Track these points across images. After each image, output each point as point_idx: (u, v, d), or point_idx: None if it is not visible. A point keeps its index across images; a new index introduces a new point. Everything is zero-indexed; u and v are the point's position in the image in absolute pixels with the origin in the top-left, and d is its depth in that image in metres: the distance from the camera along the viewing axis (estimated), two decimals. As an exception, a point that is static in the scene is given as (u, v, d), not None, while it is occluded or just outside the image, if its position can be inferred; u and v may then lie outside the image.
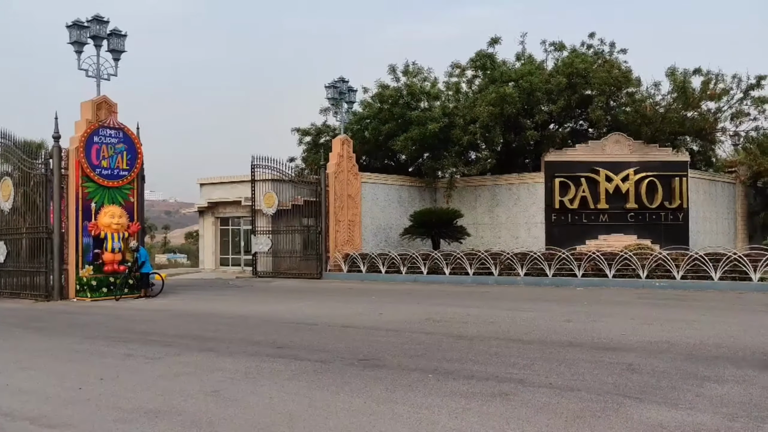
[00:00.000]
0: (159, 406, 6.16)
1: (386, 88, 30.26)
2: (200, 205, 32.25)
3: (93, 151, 18.39)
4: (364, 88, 31.68)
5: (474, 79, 31.25)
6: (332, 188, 25.70)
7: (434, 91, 30.44)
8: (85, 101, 18.79)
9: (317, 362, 8.17)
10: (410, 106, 29.67)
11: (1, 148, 19.86)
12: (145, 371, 7.80)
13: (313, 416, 5.76)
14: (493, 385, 6.74)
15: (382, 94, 30.18)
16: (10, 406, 6.23)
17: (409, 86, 30.04)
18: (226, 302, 16.72)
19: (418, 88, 30.04)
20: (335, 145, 26.45)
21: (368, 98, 31.56)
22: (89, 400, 6.43)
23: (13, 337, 11.07)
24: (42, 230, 18.38)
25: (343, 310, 14.06)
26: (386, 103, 29.89)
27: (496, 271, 21.15)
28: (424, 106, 30.08)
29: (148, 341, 10.20)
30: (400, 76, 30.60)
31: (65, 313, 15.07)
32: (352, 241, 26.32)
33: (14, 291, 19.24)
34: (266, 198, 26.59)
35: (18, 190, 19.34)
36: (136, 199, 19.50)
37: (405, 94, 29.88)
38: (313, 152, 32.06)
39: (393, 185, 29.85)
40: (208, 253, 32.55)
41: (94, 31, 18.83)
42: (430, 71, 31.23)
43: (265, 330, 11.20)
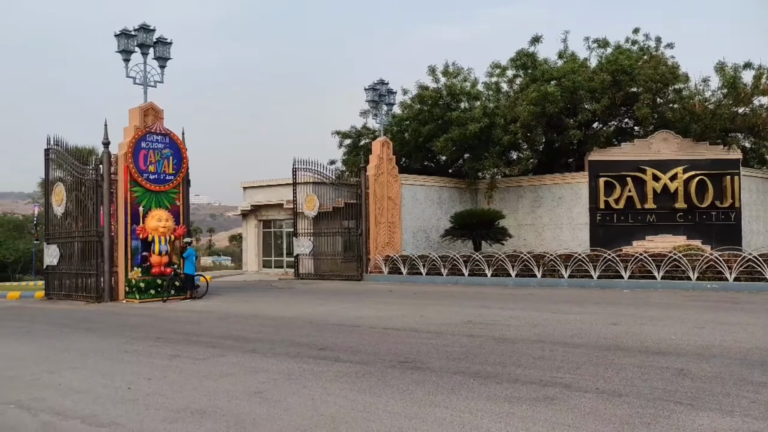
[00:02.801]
0: (204, 406, 6.25)
1: (426, 89, 30.17)
2: (243, 208, 32.72)
3: (141, 157, 18.84)
4: (404, 89, 31.69)
5: (515, 79, 30.91)
6: (372, 190, 25.74)
7: (474, 91, 30.22)
8: (133, 108, 19.26)
9: (359, 364, 8.17)
10: (450, 107, 29.51)
11: (55, 155, 20.51)
12: (190, 371, 7.92)
13: (355, 419, 5.75)
14: (538, 390, 6.62)
15: (421, 95, 30.11)
16: (63, 405, 6.40)
17: (449, 87, 29.88)
18: (268, 304, 16.89)
19: (458, 88, 29.86)
20: (375, 147, 26.50)
21: (408, 100, 31.54)
22: (138, 399, 6.56)
23: (66, 338, 11.40)
24: (93, 234, 18.90)
25: (384, 312, 14.05)
26: (426, 104, 29.81)
27: (539, 273, 20.85)
28: (464, 106, 29.87)
29: (194, 342, 10.37)
30: (439, 76, 30.47)
31: (115, 314, 15.45)
32: (392, 243, 26.31)
33: (67, 293, 19.83)
34: (307, 200, 26.80)
35: (70, 195, 19.93)
36: (181, 203, 19.88)
37: (445, 94, 29.75)
38: (353, 155, 32.21)
39: (433, 186, 29.74)
40: (251, 255, 33.01)
41: (140, 39, 19.30)
42: (470, 71, 31.03)
43: (307, 332, 11.27)
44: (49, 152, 20.64)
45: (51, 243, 20.61)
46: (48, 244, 20.80)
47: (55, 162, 20.63)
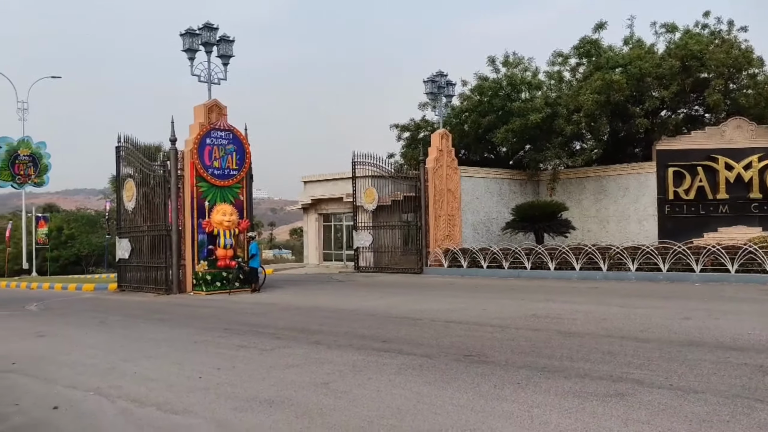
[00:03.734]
0: (273, 396, 6.36)
1: (486, 80, 29.82)
2: (304, 202, 33.17)
3: (206, 153, 19.33)
4: (463, 81, 31.40)
5: (578, 67, 30.19)
6: (431, 183, 25.63)
7: (536, 81, 29.68)
8: (198, 105, 19.77)
9: (422, 357, 8.15)
10: (511, 98, 29.08)
11: (125, 152, 21.28)
12: (258, 362, 8.09)
13: (421, 411, 5.74)
14: (608, 385, 6.44)
15: (481, 86, 29.78)
16: (139, 393, 6.64)
17: (510, 77, 29.44)
18: (330, 296, 17.08)
19: (518, 78, 29.39)
20: (434, 140, 26.36)
21: (467, 91, 31.25)
22: (209, 388, 6.74)
23: (138, 328, 11.83)
24: (161, 228, 19.53)
25: (445, 305, 13.98)
26: (486, 95, 29.46)
27: (604, 266, 20.32)
28: (525, 96, 29.39)
29: (259, 333, 10.59)
30: (499, 67, 30.07)
31: (183, 305, 15.94)
32: (452, 236, 26.15)
33: (138, 285, 20.59)
34: (367, 194, 26.92)
35: (139, 190, 20.65)
36: (245, 197, 20.31)
37: (505, 85, 29.33)
38: (411, 147, 32.15)
39: (493, 179, 29.38)
40: (312, 249, 33.45)
41: (205, 38, 19.78)
42: (531, 61, 30.50)
43: (370, 324, 11.33)
44: (120, 150, 21.42)
45: (122, 237, 21.42)
46: (120, 238, 21.63)
47: (125, 159, 21.39)
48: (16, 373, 7.88)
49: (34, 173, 37.75)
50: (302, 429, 5.29)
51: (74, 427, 5.55)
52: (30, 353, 9.35)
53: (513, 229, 27.06)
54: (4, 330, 12.31)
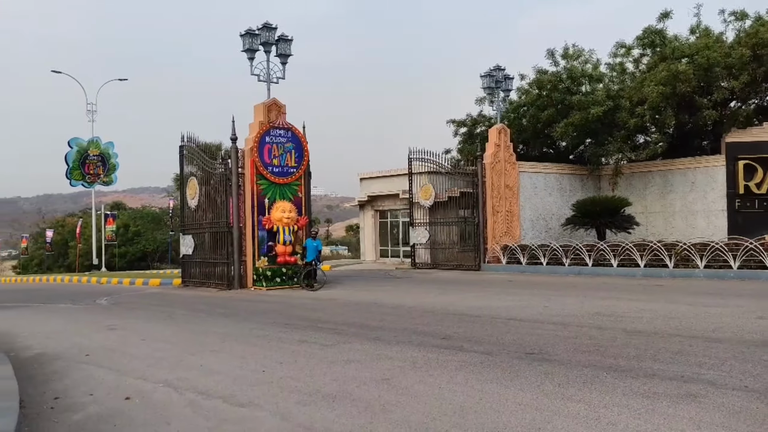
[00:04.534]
0: (335, 390, 6.41)
1: (544, 73, 29.26)
2: (360, 199, 33.36)
3: (265, 151, 19.68)
4: (521, 74, 30.94)
5: (641, 58, 29.26)
6: (489, 179, 25.36)
7: (597, 73, 28.94)
8: (258, 104, 20.13)
9: (483, 354, 8.07)
10: (571, 91, 28.45)
11: (187, 151, 21.89)
12: (319, 357, 8.17)
13: (483, 409, 5.67)
14: (679, 386, 6.22)
15: (540, 79, 29.24)
16: (205, 385, 6.81)
17: (570, 70, 28.80)
18: (388, 293, 17.11)
19: (579, 71, 28.73)
20: (491, 135, 26.06)
21: (525, 85, 30.76)
22: (272, 382, 6.85)
23: (203, 322, 12.15)
24: (223, 225, 20.00)
25: (505, 302, 13.81)
26: (545, 89, 28.92)
27: (670, 263, 19.65)
28: (585, 89, 28.71)
29: (319, 328, 10.70)
30: (559, 59, 29.45)
31: (245, 300, 16.28)
32: (510, 233, 25.82)
33: (201, 280, 21.16)
34: (423, 190, 26.86)
35: (201, 188, 21.21)
36: (303, 195, 20.58)
37: (565, 78, 28.71)
38: (468, 143, 31.89)
39: (553, 174, 28.83)
40: (368, 245, 33.61)
41: (264, 38, 20.11)
42: (592, 53, 29.75)
43: (429, 321, 11.29)
44: (183, 149, 22.03)
45: (186, 234, 22.04)
46: (183, 235, 22.27)
47: (187, 158, 21.99)
48: (90, 365, 8.21)
49: (103, 172, 39.28)
50: (365, 424, 5.31)
51: (146, 417, 5.73)
52: (102, 345, 9.73)
53: (573, 225, 26.49)
54: (78, 323, 12.85)
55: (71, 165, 38.21)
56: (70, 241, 54.26)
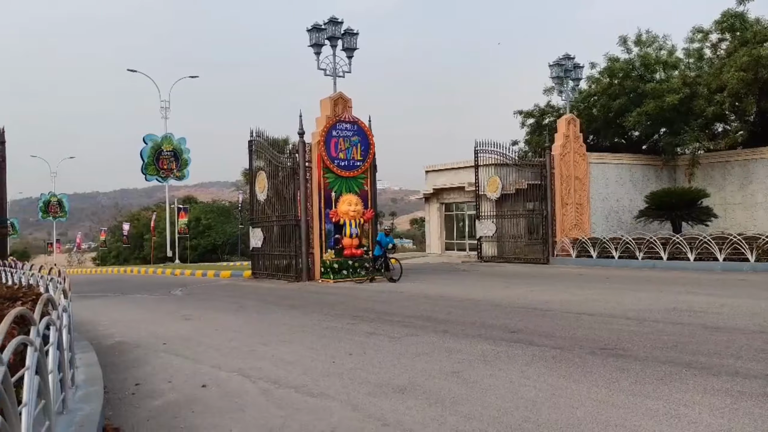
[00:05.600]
0: (404, 382, 6.41)
1: (616, 61, 28.35)
2: (426, 192, 33.28)
3: (332, 144, 19.88)
4: (592, 63, 30.12)
5: (720, 43, 27.93)
6: (558, 170, 24.81)
7: (672, 59, 27.82)
8: (324, 98, 20.34)
9: (555, 349, 7.89)
10: (644, 79, 27.46)
11: (256, 146, 22.36)
12: (387, 349, 8.20)
13: (557, 404, 5.55)
14: (764, 385, 5.90)
15: (611, 67, 28.36)
16: (277, 375, 6.94)
17: (643, 57, 27.80)
18: (454, 286, 17.01)
19: (652, 58, 27.69)
20: (560, 126, 25.47)
21: (596, 73, 29.90)
22: (342, 373, 6.92)
23: (273, 313, 12.40)
24: (290, 218, 20.35)
25: (575, 297, 13.48)
26: (616, 77, 28.05)
27: (752, 256, 18.72)
28: (660, 77, 27.65)
29: (387, 321, 10.73)
30: (631, 46, 28.48)
31: (313, 292, 16.52)
32: (580, 225, 25.19)
33: (270, 272, 21.61)
34: (490, 183, 26.54)
35: (270, 182, 21.63)
36: (369, 188, 20.68)
37: (638, 65, 27.75)
38: (536, 134, 31.31)
39: (625, 165, 27.95)
40: (434, 238, 33.52)
41: (330, 32, 20.28)
42: (666, 39, 28.59)
43: (497, 314, 11.15)
44: (252, 144, 22.52)
45: (255, 227, 22.55)
46: (253, 228, 22.79)
47: (256, 152, 22.47)
48: (168, 353, 8.51)
49: (176, 167, 40.62)
50: (436, 416, 5.28)
51: (221, 404, 5.89)
52: (178, 334, 10.08)
53: (647, 217, 25.63)
54: (155, 312, 13.36)
55: (146, 161, 39.66)
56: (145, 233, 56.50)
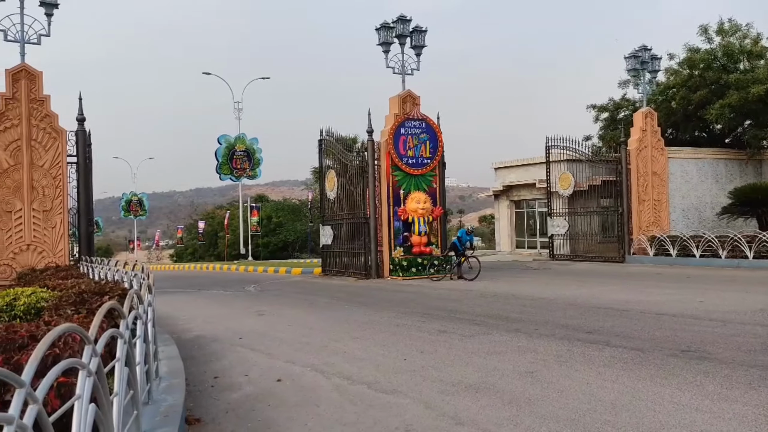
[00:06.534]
0: (477, 381, 6.34)
1: (696, 51, 27.15)
2: (495, 189, 32.87)
3: (400, 142, 19.91)
4: (670, 54, 28.92)
5: (812, 28, 26.28)
6: (634, 166, 24.00)
7: (757, 49, 26.40)
8: (393, 96, 20.39)
9: (633, 350, 7.63)
10: (727, 69, 26.18)
11: (325, 145, 22.66)
12: (459, 347, 8.13)
13: (637, 407, 5.36)
14: None
15: (691, 58, 27.18)
16: (350, 371, 7.01)
17: (725, 47, 26.51)
18: (525, 284, 16.72)
19: (736, 47, 26.36)
20: (637, 119, 24.61)
21: (674, 65, 28.72)
22: (414, 370, 6.91)
23: (343, 310, 12.54)
24: (360, 216, 20.51)
25: (654, 296, 13.00)
26: (697, 69, 26.86)
27: None
28: (744, 67, 26.27)
29: (458, 319, 10.66)
30: (713, 36, 27.19)
31: (382, 290, 16.60)
32: (658, 222, 24.28)
33: (339, 270, 21.87)
34: (561, 179, 25.95)
35: (339, 180, 21.88)
36: (438, 185, 20.60)
37: (720, 55, 26.47)
38: (611, 129, 30.41)
39: (706, 159, 26.74)
40: (504, 236, 33.06)
41: (398, 30, 20.32)
42: (750, 27, 27.14)
43: (571, 314, 10.88)
44: (322, 143, 22.84)
45: (325, 225, 22.86)
46: (323, 226, 23.11)
47: (325, 151, 22.78)
48: (244, 347, 8.74)
49: (248, 167, 41.64)
50: (511, 417, 5.20)
51: (296, 398, 6.00)
52: (253, 329, 10.33)
53: (731, 214, 24.43)
54: (231, 308, 13.75)
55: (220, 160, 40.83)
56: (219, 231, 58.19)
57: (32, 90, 16.02)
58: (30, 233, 15.90)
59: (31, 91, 16.01)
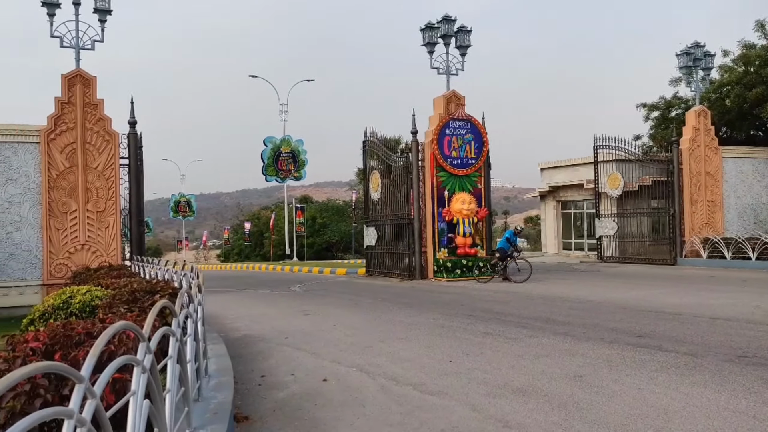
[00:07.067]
0: (524, 385, 6.26)
1: (752, 47, 26.26)
2: (541, 190, 32.42)
3: (445, 143, 19.82)
4: (724, 51, 28.06)
5: None
6: (686, 166, 23.34)
7: (817, 43, 25.35)
8: (437, 97, 20.32)
9: (686, 355, 7.41)
10: (784, 66, 25.22)
11: (370, 146, 22.73)
12: (505, 350, 8.04)
13: (691, 414, 5.20)
14: None
15: (746, 55, 26.30)
16: (395, 372, 7.00)
17: (783, 42, 25.53)
18: (572, 286, 16.43)
19: (794, 42, 25.36)
20: (689, 118, 23.93)
21: (729, 62, 27.81)
22: (459, 372, 6.86)
23: (388, 311, 12.54)
24: (404, 217, 20.50)
25: (708, 300, 12.60)
26: (752, 65, 25.97)
27: None
28: (803, 62, 25.27)
29: (504, 321, 10.54)
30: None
31: (426, 291, 16.55)
32: (711, 224, 23.56)
33: (383, 270, 21.90)
34: (610, 179, 25.42)
35: (383, 181, 21.91)
36: (483, 186, 20.43)
37: (777, 51, 25.51)
38: (661, 128, 29.66)
39: (763, 159, 25.78)
40: (550, 237, 32.58)
41: (443, 30, 20.25)
42: (810, 20, 26.09)
43: (620, 317, 10.64)
44: (366, 144, 22.91)
45: (369, 225, 22.93)
46: (367, 227, 23.19)
47: (369, 152, 22.84)
48: (290, 347, 8.83)
49: (293, 168, 42.07)
50: (560, 421, 5.11)
51: (342, 398, 6.02)
52: (299, 329, 10.43)
53: (789, 215, 23.53)
54: (277, 308, 13.92)
55: (266, 162, 41.34)
56: (265, 232, 59.02)
57: (87, 94, 16.55)
58: (84, 233, 16.41)
59: (86, 95, 16.54)
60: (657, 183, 24.07)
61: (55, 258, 16.16)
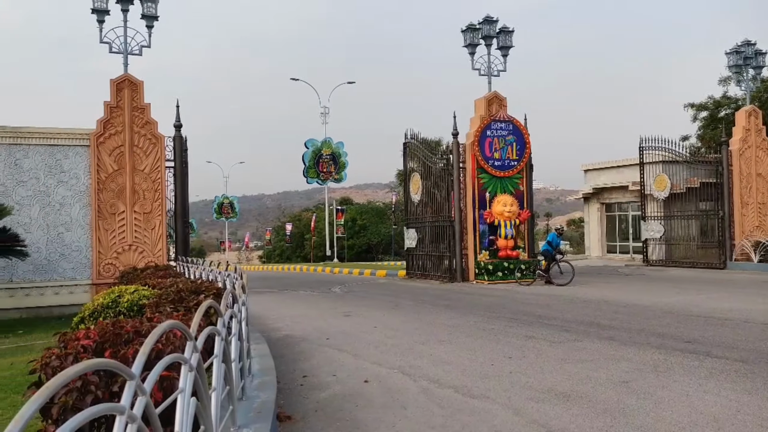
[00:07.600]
0: (568, 389, 6.16)
1: (806, 43, 25.29)
2: (585, 191, 31.91)
3: (486, 144, 19.68)
4: (775, 48, 27.08)
5: None
6: (736, 167, 22.66)
7: None
8: (479, 98, 20.19)
9: (737, 362, 7.19)
10: (841, 62, 24.24)
11: (410, 148, 22.71)
12: (548, 354, 7.93)
13: (743, 422, 5.04)
14: None
15: (800, 52, 25.34)
16: (436, 374, 6.97)
17: (840, 37, 24.55)
18: (618, 290, 16.11)
19: None
20: (739, 118, 23.23)
21: (781, 59, 26.88)
22: (501, 376, 6.79)
23: (428, 313, 12.50)
24: (444, 219, 20.42)
25: (759, 305, 12.20)
26: (806, 62, 24.99)
27: None
28: None
29: (546, 324, 10.40)
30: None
31: (467, 293, 16.44)
32: (763, 227, 22.82)
33: (423, 272, 21.85)
34: (657, 181, 24.85)
35: (423, 183, 21.87)
36: (525, 188, 20.21)
37: (833, 47, 24.53)
38: (710, 128, 28.89)
39: (818, 159, 24.84)
40: (594, 240, 32.03)
41: (485, 31, 20.12)
42: None
43: (667, 322, 10.38)
44: (406, 146, 22.90)
45: (410, 227, 22.90)
46: (407, 229, 23.16)
47: (410, 154, 22.82)
48: (331, 348, 8.88)
49: (334, 170, 42.35)
50: (604, 427, 5.01)
51: (383, 400, 6.02)
52: (340, 330, 10.48)
53: None
54: (318, 309, 14.01)
55: (307, 164, 41.72)
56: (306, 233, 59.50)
57: (134, 98, 16.98)
58: (132, 234, 16.83)
59: (134, 99, 16.97)
60: (705, 185, 23.43)
61: (103, 258, 16.62)
